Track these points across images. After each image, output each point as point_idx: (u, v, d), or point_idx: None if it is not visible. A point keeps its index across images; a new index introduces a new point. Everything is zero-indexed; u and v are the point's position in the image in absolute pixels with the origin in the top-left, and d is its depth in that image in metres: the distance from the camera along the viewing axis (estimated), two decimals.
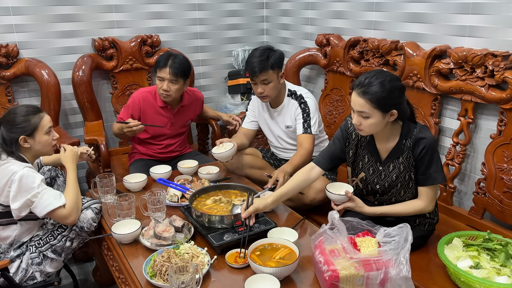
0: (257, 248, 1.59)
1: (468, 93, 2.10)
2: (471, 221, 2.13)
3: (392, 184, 1.84)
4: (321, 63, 2.97)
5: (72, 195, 1.85)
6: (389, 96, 1.63)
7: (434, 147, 1.74)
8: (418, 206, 1.80)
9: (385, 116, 1.68)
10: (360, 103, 1.66)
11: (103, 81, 3.16)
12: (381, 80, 1.63)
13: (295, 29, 3.33)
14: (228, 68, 3.61)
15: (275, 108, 2.41)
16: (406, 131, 1.76)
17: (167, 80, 2.42)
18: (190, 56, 3.31)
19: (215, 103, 3.65)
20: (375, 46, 2.53)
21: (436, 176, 1.75)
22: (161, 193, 1.92)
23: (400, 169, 1.80)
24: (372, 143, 1.86)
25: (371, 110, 1.65)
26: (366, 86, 1.64)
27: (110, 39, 3.01)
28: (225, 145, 2.25)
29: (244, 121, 2.53)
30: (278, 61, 2.23)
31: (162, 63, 2.42)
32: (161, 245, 1.68)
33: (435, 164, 1.75)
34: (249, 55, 2.27)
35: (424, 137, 1.73)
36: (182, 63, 2.44)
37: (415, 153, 1.74)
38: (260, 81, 2.22)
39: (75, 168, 1.97)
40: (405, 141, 1.76)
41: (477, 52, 2.01)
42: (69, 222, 1.83)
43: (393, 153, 1.80)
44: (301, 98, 2.34)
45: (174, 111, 2.60)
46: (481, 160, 2.14)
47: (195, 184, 2.16)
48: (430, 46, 2.28)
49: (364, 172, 1.92)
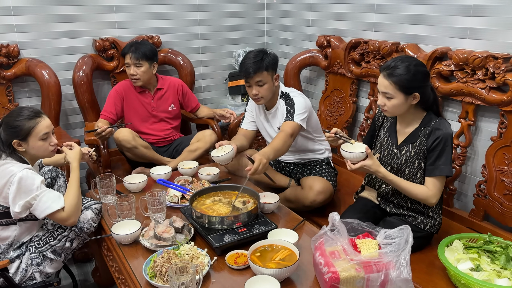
0: (257, 249, 1.59)
1: (469, 95, 2.10)
2: (472, 223, 2.13)
3: (400, 167, 1.88)
4: (321, 65, 2.97)
5: (73, 197, 1.84)
6: (412, 79, 1.72)
7: (448, 141, 1.77)
8: (424, 192, 1.80)
9: (407, 98, 1.76)
10: (385, 84, 1.76)
11: (104, 82, 3.16)
12: (407, 64, 1.74)
13: (296, 31, 3.33)
14: (228, 69, 3.61)
15: (269, 110, 2.41)
16: (427, 120, 1.83)
17: (132, 65, 2.64)
18: (190, 57, 3.32)
19: (215, 104, 3.64)
20: (376, 48, 2.53)
21: (443, 168, 1.78)
22: (161, 194, 1.91)
23: (411, 154, 1.85)
24: (394, 126, 1.95)
25: (395, 91, 1.75)
26: (392, 69, 1.74)
27: (111, 40, 3.01)
28: (224, 148, 2.24)
29: (244, 122, 2.53)
30: (272, 63, 2.23)
31: (126, 50, 2.66)
32: (161, 246, 1.68)
33: (445, 156, 1.78)
34: (243, 58, 2.26)
35: (441, 129, 1.78)
36: (143, 47, 2.65)
37: (428, 142, 1.79)
38: (255, 82, 2.21)
39: (79, 168, 1.97)
40: (423, 129, 1.82)
41: (478, 54, 2.01)
42: (68, 224, 1.83)
43: (410, 138, 1.86)
44: (288, 97, 2.30)
45: (153, 95, 2.78)
46: (481, 162, 2.13)
47: (195, 185, 2.16)
48: (431, 48, 2.28)
49: (380, 153, 1.97)
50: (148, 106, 2.76)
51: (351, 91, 2.81)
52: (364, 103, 2.81)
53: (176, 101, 2.88)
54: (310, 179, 2.29)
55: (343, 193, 2.53)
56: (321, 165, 2.43)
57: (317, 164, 2.45)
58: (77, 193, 1.86)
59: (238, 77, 3.48)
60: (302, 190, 2.28)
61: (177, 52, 3.22)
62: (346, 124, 2.85)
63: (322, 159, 2.48)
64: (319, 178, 2.27)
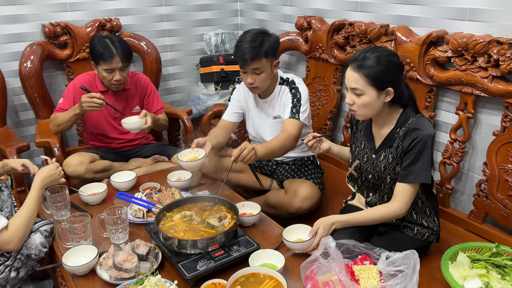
0: (237, 280, 1.34)
1: (469, 85, 1.88)
2: (471, 225, 1.95)
3: (381, 175, 1.66)
4: (302, 49, 2.70)
5: (22, 219, 1.56)
6: (385, 71, 1.50)
7: (427, 142, 1.53)
8: (391, 210, 1.57)
9: (380, 95, 1.53)
10: (354, 78, 1.53)
11: (57, 72, 2.79)
12: (377, 54, 1.52)
13: (272, 10, 3.03)
14: (199, 54, 3.29)
15: (264, 98, 2.12)
16: (403, 119, 1.60)
17: (117, 69, 2.23)
18: (156, 41, 2.98)
19: (186, 92, 3.34)
20: (362, 30, 2.26)
21: (419, 175, 1.54)
22: (122, 210, 1.64)
23: (389, 160, 1.63)
24: (369, 128, 1.71)
25: (365, 86, 1.52)
26: (361, 60, 1.52)
27: (63, 24, 2.64)
28: (199, 151, 1.95)
29: (226, 112, 2.21)
30: (272, 48, 1.93)
31: (108, 54, 2.18)
32: (122, 279, 1.41)
33: (422, 161, 1.54)
34: (239, 39, 1.94)
35: (418, 129, 1.54)
36: (124, 44, 2.27)
37: (404, 144, 1.56)
38: (251, 70, 1.92)
39: (43, 189, 1.69)
40: (399, 130, 1.60)
41: (480, 38, 1.78)
42: (8, 248, 1.54)
43: (386, 141, 1.64)
44: (293, 84, 2.05)
45: (116, 96, 2.41)
46: (481, 159, 1.94)
47: (164, 194, 1.88)
48: (424, 31, 2.04)
49: (359, 160, 1.75)
50: (109, 107, 2.33)
51: (335, 79, 2.55)
52: None
53: (141, 102, 2.52)
54: (296, 183, 2.04)
55: (329, 193, 2.30)
56: (307, 165, 2.19)
57: (302, 164, 2.20)
58: (29, 215, 1.58)
59: (210, 63, 3.17)
60: (286, 195, 2.03)
61: (140, 37, 2.88)
62: (330, 115, 2.61)
63: (308, 157, 2.23)
64: (305, 182, 2.03)
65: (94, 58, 2.23)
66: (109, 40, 2.22)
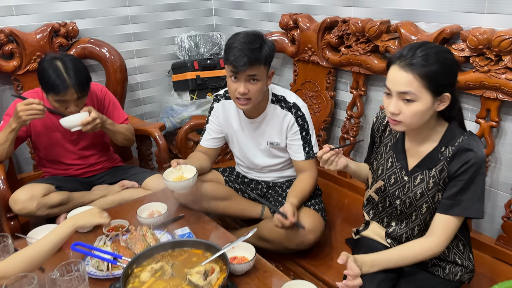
0: None
1: (492, 89, 1.60)
2: (500, 253, 1.67)
3: (415, 202, 1.35)
4: (287, 51, 2.38)
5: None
6: (444, 71, 1.21)
7: (481, 168, 1.24)
8: (426, 245, 1.29)
9: (434, 102, 1.23)
10: (406, 80, 1.20)
11: (4, 87, 2.39)
12: (433, 50, 1.21)
13: (252, 8, 2.69)
14: (171, 59, 2.93)
15: (253, 118, 1.80)
16: (449, 136, 1.30)
17: (72, 101, 1.82)
18: (120, 47, 2.60)
19: (157, 103, 2.97)
20: (359, 28, 1.96)
21: (469, 207, 1.25)
22: (80, 266, 1.28)
23: (429, 185, 1.32)
24: (401, 143, 1.39)
25: (420, 90, 1.20)
26: (412, 58, 1.20)
27: (7, 31, 2.24)
28: (183, 169, 1.63)
29: (204, 138, 1.91)
30: (270, 55, 1.63)
31: (61, 86, 1.75)
32: None
33: (474, 190, 1.25)
34: (230, 41, 1.60)
35: (471, 150, 1.24)
36: (81, 71, 1.82)
37: (452, 167, 1.26)
38: (246, 76, 1.58)
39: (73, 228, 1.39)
40: (445, 149, 1.29)
41: (505, 34, 1.50)
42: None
43: (425, 161, 1.33)
44: (297, 110, 1.75)
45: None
46: (508, 174, 1.66)
47: (133, 237, 1.52)
48: (434, 27, 1.76)
49: (383, 181, 1.42)
50: (61, 127, 1.88)
51: (328, 84, 2.24)
52: (345, 98, 2.26)
53: None
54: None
55: (329, 218, 1.98)
56: None
57: None
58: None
59: (184, 69, 2.82)
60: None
61: (101, 42, 2.49)
62: (324, 125, 2.30)
63: None
64: (306, 211, 1.68)
65: (43, 87, 1.81)
66: (62, 65, 1.78)
